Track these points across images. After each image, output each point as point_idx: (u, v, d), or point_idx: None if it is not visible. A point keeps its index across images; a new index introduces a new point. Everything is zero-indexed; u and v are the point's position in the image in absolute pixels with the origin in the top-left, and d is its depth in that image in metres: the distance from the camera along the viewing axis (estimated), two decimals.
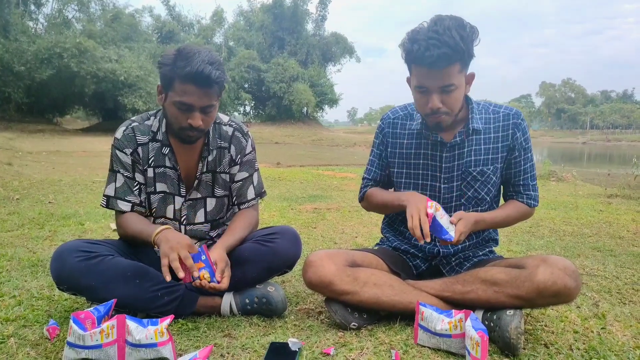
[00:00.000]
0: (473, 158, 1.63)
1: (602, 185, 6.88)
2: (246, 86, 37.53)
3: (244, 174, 1.76)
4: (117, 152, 1.65)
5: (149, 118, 1.69)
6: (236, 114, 39.80)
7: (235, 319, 1.60)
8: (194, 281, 1.45)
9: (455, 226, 1.47)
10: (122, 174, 1.65)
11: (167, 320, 1.28)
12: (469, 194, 1.66)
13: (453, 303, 1.52)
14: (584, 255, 2.69)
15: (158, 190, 1.69)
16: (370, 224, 3.54)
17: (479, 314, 1.47)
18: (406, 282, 1.61)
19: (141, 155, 1.66)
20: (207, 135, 1.68)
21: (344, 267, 1.54)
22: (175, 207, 1.72)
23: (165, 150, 1.66)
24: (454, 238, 1.44)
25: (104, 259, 1.50)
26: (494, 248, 1.79)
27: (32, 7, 26.76)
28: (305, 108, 37.14)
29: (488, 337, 1.23)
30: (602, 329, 1.59)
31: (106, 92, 21.10)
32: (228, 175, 1.76)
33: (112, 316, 1.36)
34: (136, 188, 1.67)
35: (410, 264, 1.76)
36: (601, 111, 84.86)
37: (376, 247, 1.88)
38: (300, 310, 1.74)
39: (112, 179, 1.66)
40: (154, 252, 1.66)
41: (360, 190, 1.85)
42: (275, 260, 1.64)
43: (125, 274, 1.50)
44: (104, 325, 1.25)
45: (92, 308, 1.35)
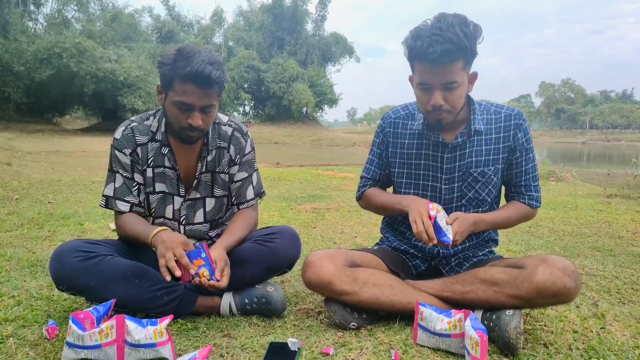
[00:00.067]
0: (474, 159, 1.63)
1: (601, 185, 6.88)
2: (246, 86, 37.54)
3: (243, 174, 1.76)
4: (116, 152, 1.65)
5: (148, 118, 1.69)
6: (236, 114, 39.82)
7: (235, 319, 1.60)
8: (193, 279, 1.45)
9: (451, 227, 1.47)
10: (121, 175, 1.65)
11: (167, 320, 1.28)
12: (469, 194, 1.66)
13: (452, 303, 1.52)
14: (584, 255, 2.69)
15: (157, 190, 1.69)
16: (370, 223, 3.54)
17: (479, 314, 1.47)
18: (405, 282, 1.61)
19: (140, 156, 1.66)
20: (207, 135, 1.68)
21: (343, 267, 1.54)
22: (174, 207, 1.72)
23: (164, 150, 1.66)
24: (451, 241, 1.44)
25: (103, 259, 1.50)
26: (493, 248, 1.79)
27: (32, 7, 26.73)
28: (305, 108, 37.14)
29: (487, 336, 1.23)
30: (601, 328, 1.59)
31: (105, 92, 21.09)
32: (227, 175, 1.75)
33: (111, 316, 1.36)
34: (135, 188, 1.67)
35: (410, 264, 1.76)
36: (601, 111, 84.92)
37: (376, 247, 1.88)
38: (299, 310, 1.74)
39: (111, 179, 1.66)
40: (153, 252, 1.65)
41: (359, 189, 1.85)
42: (275, 260, 1.64)
43: (125, 274, 1.50)
44: (103, 326, 1.25)
45: (91, 308, 1.35)
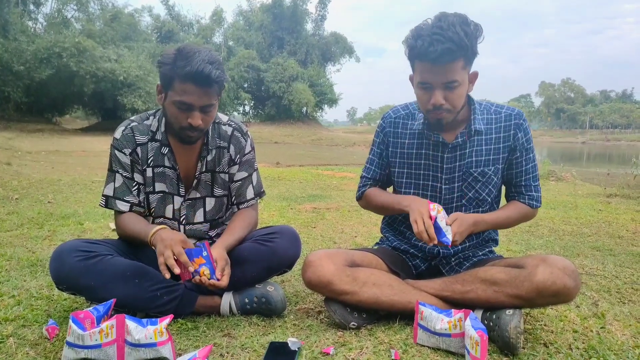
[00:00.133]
0: (474, 159, 1.63)
1: (601, 185, 6.88)
2: (245, 86, 37.53)
3: (243, 174, 1.76)
4: (116, 152, 1.65)
5: (148, 118, 1.69)
6: (235, 113, 39.81)
7: (235, 319, 1.60)
8: (193, 277, 1.45)
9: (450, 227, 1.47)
10: (121, 174, 1.65)
11: (167, 320, 1.28)
12: (469, 194, 1.66)
13: (452, 302, 1.52)
14: (584, 254, 2.69)
15: (157, 190, 1.69)
16: (370, 223, 3.54)
17: (479, 314, 1.47)
18: (405, 282, 1.61)
19: (140, 155, 1.66)
20: (206, 134, 1.68)
21: (343, 267, 1.54)
22: (174, 206, 1.72)
23: (164, 150, 1.66)
24: (450, 242, 1.44)
25: (103, 258, 1.50)
26: (493, 248, 1.79)
27: (31, 6, 26.70)
28: (305, 108, 37.14)
29: (487, 336, 1.23)
30: (601, 328, 1.59)
31: (105, 92, 21.07)
32: (227, 175, 1.75)
33: (111, 316, 1.36)
34: (135, 188, 1.67)
35: (410, 263, 1.76)
36: (600, 111, 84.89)
37: (376, 247, 1.88)
38: (299, 309, 1.74)
39: (111, 179, 1.66)
40: (153, 251, 1.65)
41: (359, 188, 1.85)
42: (275, 259, 1.64)
43: (125, 273, 1.50)
44: (103, 325, 1.25)
45: (91, 308, 1.35)
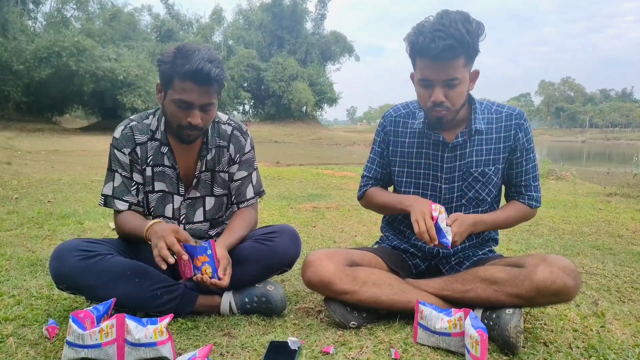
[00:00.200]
0: (474, 159, 1.63)
1: (601, 184, 6.88)
2: (245, 85, 37.50)
3: (243, 173, 1.76)
4: (115, 151, 1.65)
5: (147, 117, 1.69)
6: (235, 112, 39.81)
7: (235, 318, 1.60)
8: (194, 275, 1.45)
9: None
10: (120, 174, 1.65)
11: (167, 319, 1.28)
12: (469, 194, 1.66)
13: (452, 302, 1.53)
14: (583, 253, 2.69)
15: (156, 189, 1.69)
16: (370, 222, 3.54)
17: (479, 313, 1.47)
18: (405, 281, 1.61)
19: (139, 155, 1.65)
20: (206, 134, 1.67)
21: (343, 267, 1.54)
22: (174, 206, 1.71)
23: (164, 149, 1.66)
24: (450, 243, 1.44)
25: (103, 258, 1.50)
26: (493, 247, 1.79)
27: (31, 5, 26.70)
28: (305, 107, 37.13)
29: (487, 335, 1.23)
30: (601, 327, 1.59)
31: (105, 91, 21.06)
32: (227, 174, 1.75)
33: (111, 315, 1.36)
34: (134, 188, 1.67)
35: (410, 263, 1.76)
36: (600, 110, 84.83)
37: (376, 246, 1.88)
38: (299, 309, 1.73)
39: (110, 178, 1.66)
40: None
41: (360, 188, 1.84)
42: (275, 259, 1.64)
43: (125, 273, 1.50)
44: (104, 325, 1.25)
45: (91, 307, 1.35)
